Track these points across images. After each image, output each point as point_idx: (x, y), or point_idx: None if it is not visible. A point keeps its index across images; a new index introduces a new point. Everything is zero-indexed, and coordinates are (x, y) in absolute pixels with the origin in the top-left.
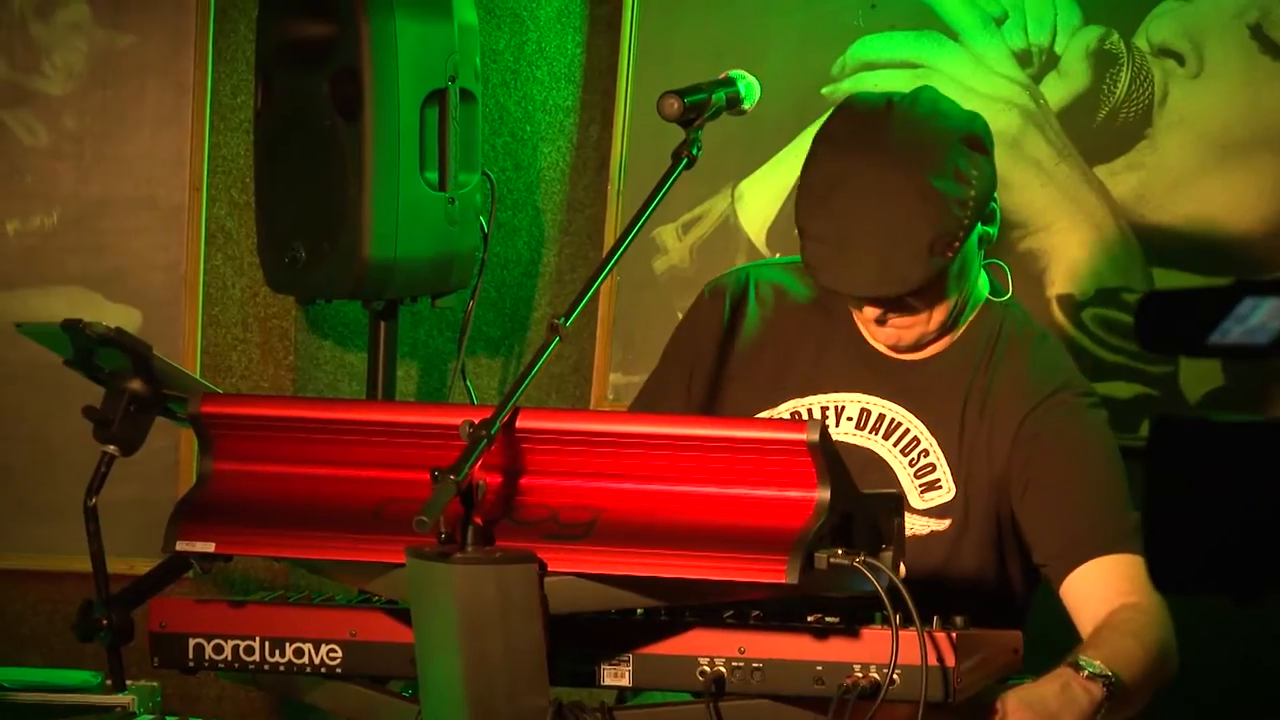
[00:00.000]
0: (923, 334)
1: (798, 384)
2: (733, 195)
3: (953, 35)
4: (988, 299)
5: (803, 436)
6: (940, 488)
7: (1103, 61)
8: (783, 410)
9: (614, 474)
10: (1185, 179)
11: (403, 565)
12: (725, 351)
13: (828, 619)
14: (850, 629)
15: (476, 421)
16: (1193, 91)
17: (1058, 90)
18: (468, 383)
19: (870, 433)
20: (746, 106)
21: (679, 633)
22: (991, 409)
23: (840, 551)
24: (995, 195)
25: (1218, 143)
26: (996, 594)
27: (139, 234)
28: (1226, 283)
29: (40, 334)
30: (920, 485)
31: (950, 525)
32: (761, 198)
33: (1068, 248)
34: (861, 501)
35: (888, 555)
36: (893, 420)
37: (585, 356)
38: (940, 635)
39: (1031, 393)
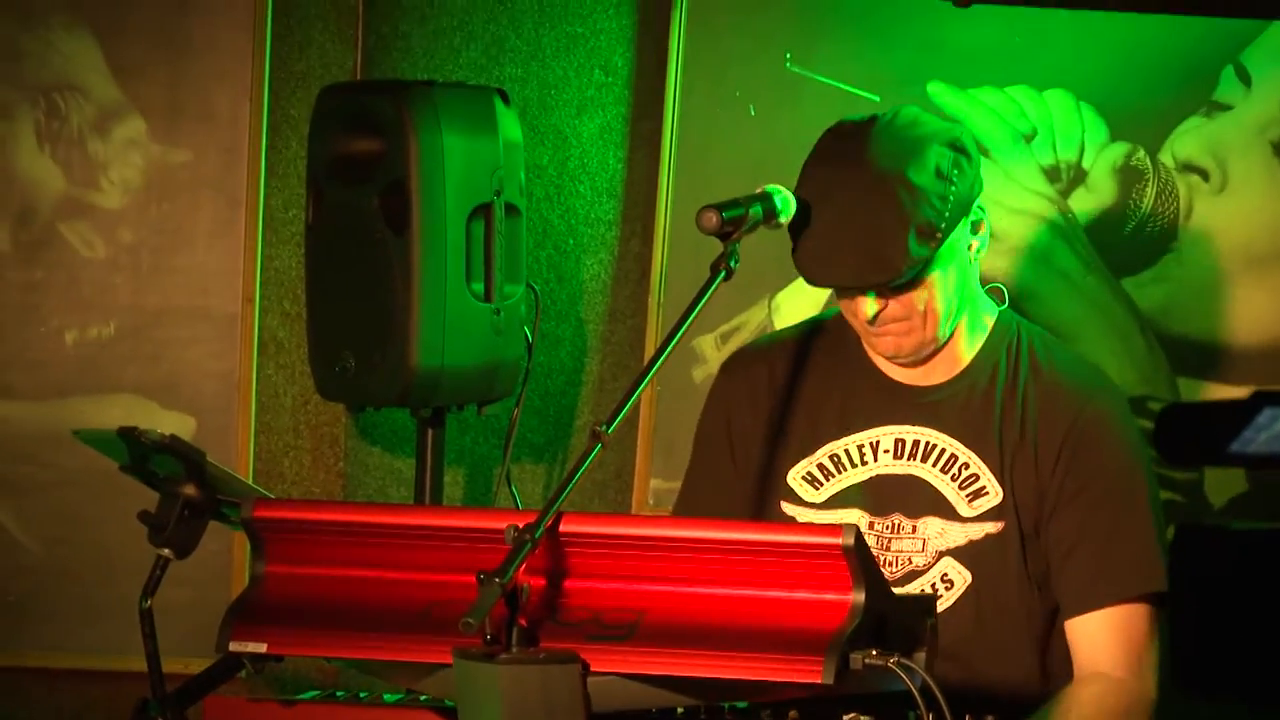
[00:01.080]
0: (921, 341)
1: (830, 430)
2: (769, 306)
3: (984, 151)
4: (997, 318)
5: (838, 541)
6: (987, 493)
7: (1129, 177)
8: (820, 456)
9: (655, 577)
10: (1209, 291)
11: (450, 665)
12: (756, 417)
13: (862, 718)
14: None
15: (521, 526)
16: (1217, 206)
17: (1086, 204)
18: (513, 488)
19: (909, 459)
20: (782, 220)
21: None
22: (1032, 419)
23: (874, 652)
24: (983, 206)
25: (1241, 256)
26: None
27: (193, 344)
28: (1245, 394)
29: (97, 440)
30: (966, 495)
31: (1005, 526)
32: (798, 309)
33: (1096, 357)
34: (895, 603)
35: (920, 655)
36: (928, 443)
37: (627, 463)
38: None
39: (1073, 401)
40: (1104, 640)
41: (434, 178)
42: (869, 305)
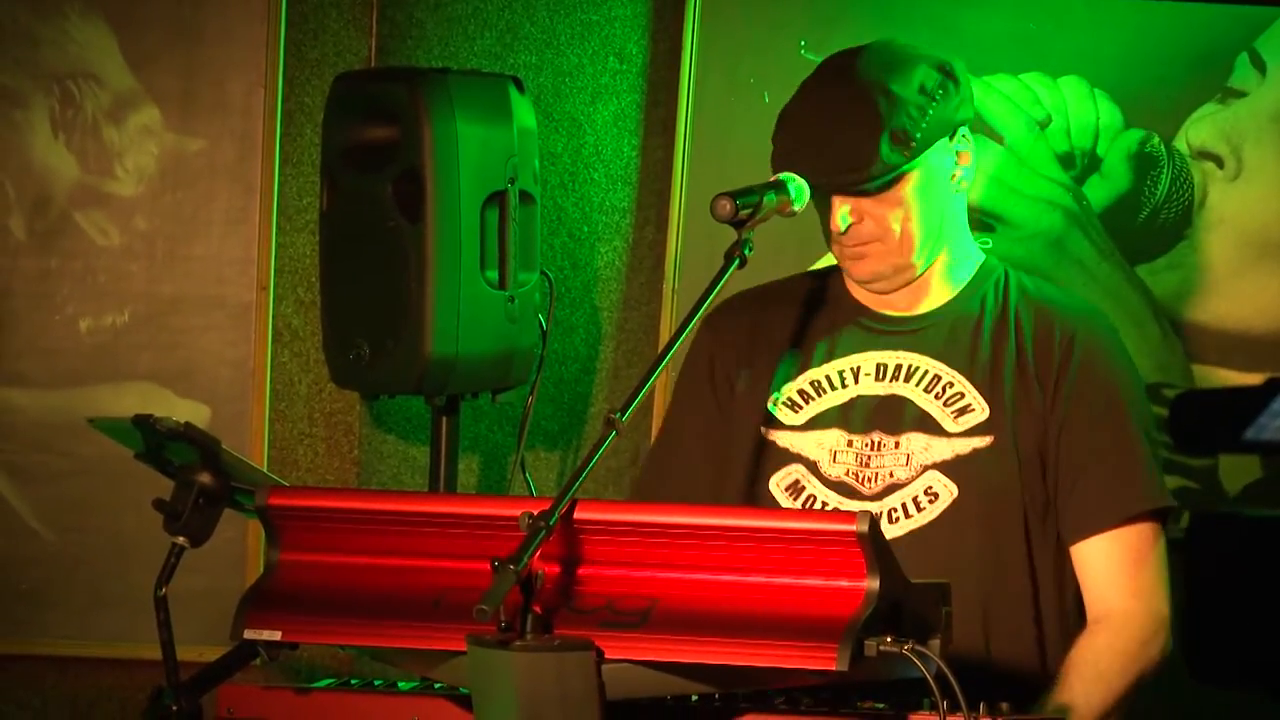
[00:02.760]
0: (896, 265)
1: (809, 358)
2: None
3: (998, 139)
4: (983, 262)
5: (853, 527)
6: (973, 410)
7: (1144, 164)
8: (802, 382)
9: (669, 564)
10: (1224, 278)
11: (464, 653)
12: (740, 361)
13: (877, 705)
14: (899, 715)
15: (535, 513)
16: (1231, 193)
17: (1100, 191)
18: (527, 475)
19: (890, 381)
20: (797, 207)
21: (732, 718)
22: (1028, 338)
23: (889, 639)
24: (970, 138)
25: (1256, 242)
26: (1048, 510)
27: (208, 332)
28: (1259, 380)
29: (112, 428)
30: (952, 412)
31: (993, 440)
32: None
33: None
34: (910, 590)
35: (935, 642)
36: (910, 366)
37: (641, 450)
38: None
39: (1068, 324)
40: (1112, 564)
41: (448, 165)
42: (842, 215)
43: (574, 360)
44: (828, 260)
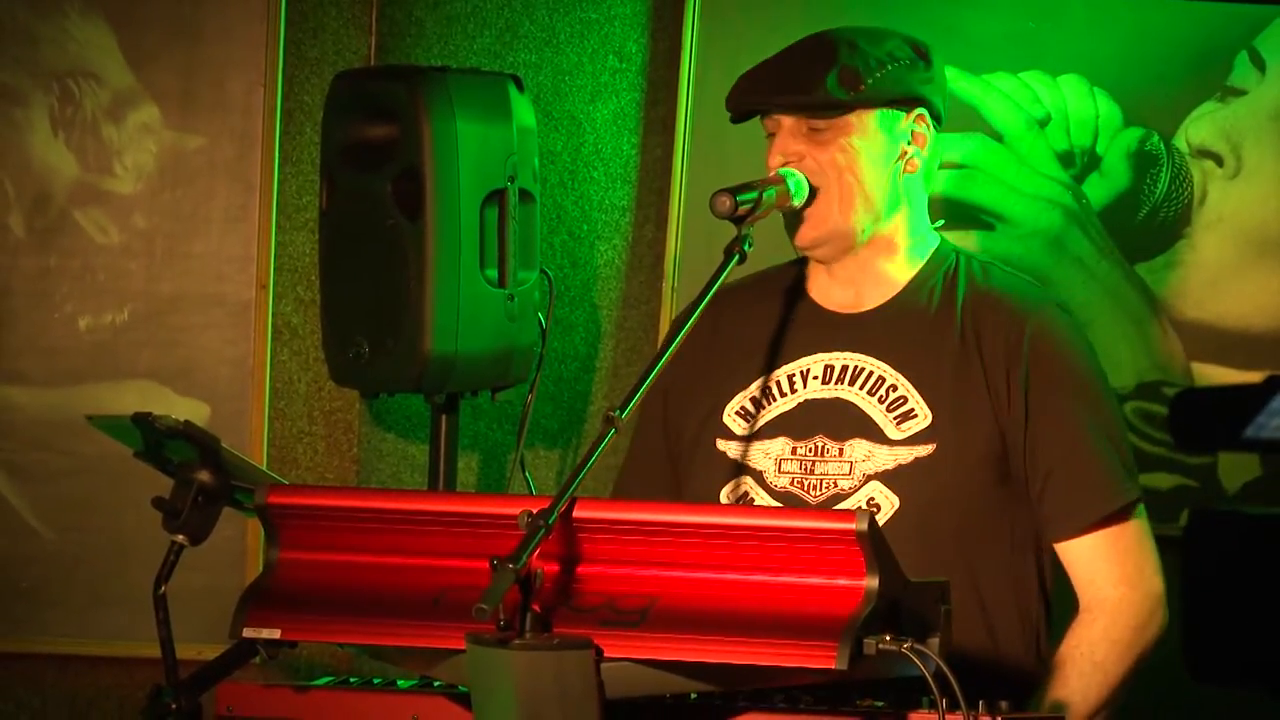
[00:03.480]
0: (835, 229)
1: (762, 364)
2: None
3: (997, 137)
4: (936, 247)
5: (852, 526)
6: (915, 416)
7: (1143, 162)
8: (753, 390)
9: (668, 562)
10: (1223, 276)
11: (463, 651)
12: (694, 368)
13: (876, 703)
14: (898, 714)
15: (535, 511)
16: (1231, 191)
17: (1099, 190)
18: (526, 474)
19: (836, 384)
20: (796, 203)
21: (731, 716)
22: (973, 332)
23: (888, 638)
24: (931, 125)
25: (1255, 241)
26: (996, 514)
27: (207, 330)
28: (1259, 379)
29: (111, 426)
30: (894, 418)
31: (935, 449)
32: None
33: (1109, 343)
34: (909, 589)
35: (934, 641)
36: (856, 367)
37: None
38: (985, 719)
39: (1017, 314)
40: (1097, 558)
41: (448, 164)
42: (780, 150)
43: (573, 358)
44: None
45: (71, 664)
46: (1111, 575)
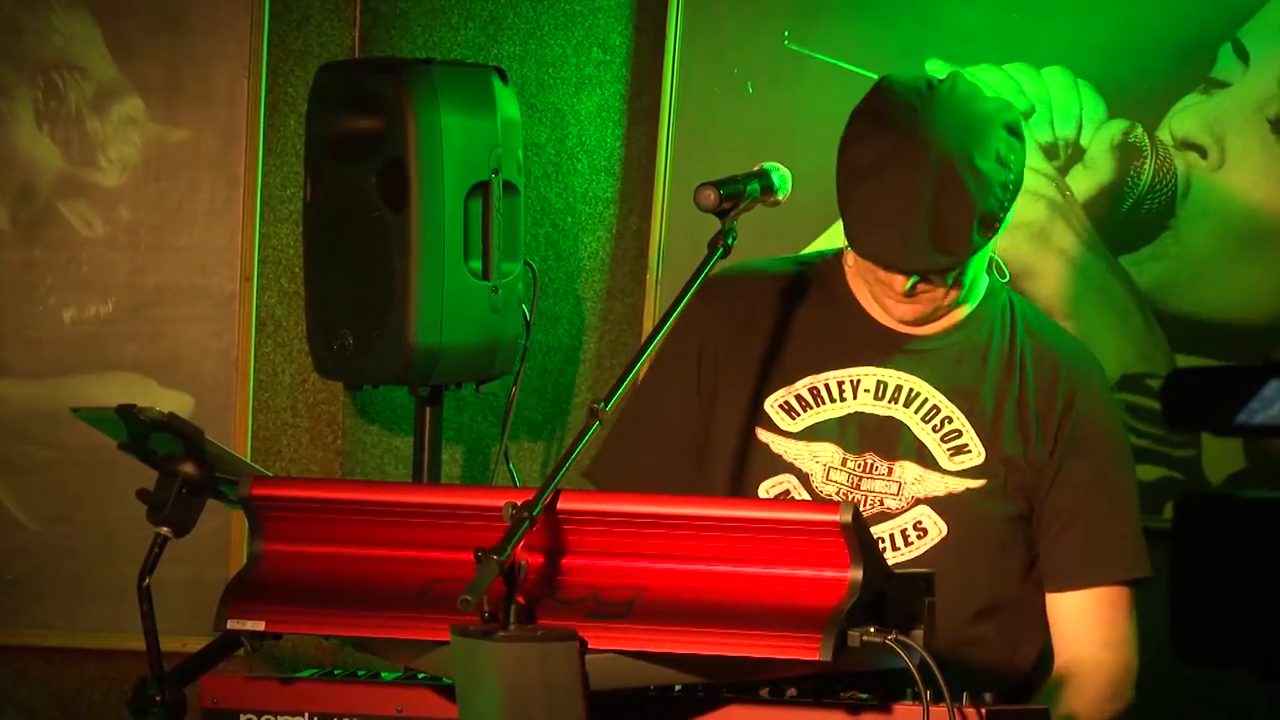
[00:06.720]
0: (938, 308)
1: (809, 364)
2: None
3: None
4: (989, 284)
5: (835, 518)
6: (969, 451)
7: (1127, 154)
8: (799, 387)
9: (653, 554)
10: (1208, 268)
11: (448, 643)
12: (733, 344)
13: (860, 695)
14: (882, 705)
15: (519, 503)
16: (1215, 183)
17: (1083, 182)
18: (511, 466)
19: (890, 402)
20: (780, 197)
21: (716, 708)
22: (1031, 384)
23: (873, 629)
24: None
25: (1239, 233)
26: (1025, 550)
27: (192, 322)
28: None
29: (95, 419)
30: (948, 449)
31: (986, 483)
32: None
33: (1093, 335)
34: (893, 580)
35: (919, 633)
36: (911, 390)
37: None
38: (970, 711)
39: (1071, 375)
40: (1087, 619)
41: (432, 156)
42: (909, 280)
43: (558, 350)
44: (823, 242)
45: (57, 656)
46: (1097, 637)
